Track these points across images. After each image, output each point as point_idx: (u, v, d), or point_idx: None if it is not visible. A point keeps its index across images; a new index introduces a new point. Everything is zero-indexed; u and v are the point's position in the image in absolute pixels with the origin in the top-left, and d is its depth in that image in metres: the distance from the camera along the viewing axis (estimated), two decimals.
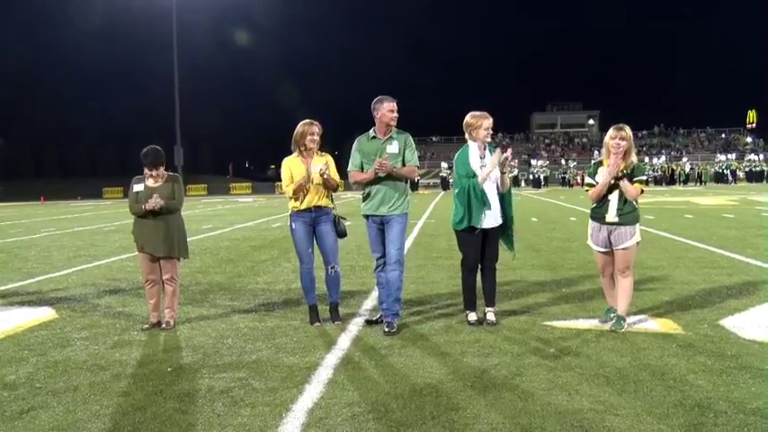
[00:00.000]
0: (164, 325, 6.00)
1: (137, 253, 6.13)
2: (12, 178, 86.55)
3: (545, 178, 56.34)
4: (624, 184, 5.38)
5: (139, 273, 6.40)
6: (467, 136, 5.77)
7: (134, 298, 7.54)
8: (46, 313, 6.83)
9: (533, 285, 7.53)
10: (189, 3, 54.36)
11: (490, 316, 5.80)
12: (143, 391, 4.25)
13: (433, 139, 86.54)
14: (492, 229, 5.74)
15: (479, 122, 5.66)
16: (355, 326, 5.86)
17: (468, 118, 5.73)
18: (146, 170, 6.02)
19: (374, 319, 5.92)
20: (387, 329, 5.53)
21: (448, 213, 22.11)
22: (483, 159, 5.67)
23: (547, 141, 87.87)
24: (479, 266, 5.85)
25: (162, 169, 6.06)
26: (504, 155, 5.62)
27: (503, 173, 5.70)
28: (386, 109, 5.73)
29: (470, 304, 5.86)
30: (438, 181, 56.81)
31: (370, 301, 6.87)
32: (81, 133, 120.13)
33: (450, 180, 56.13)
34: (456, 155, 5.86)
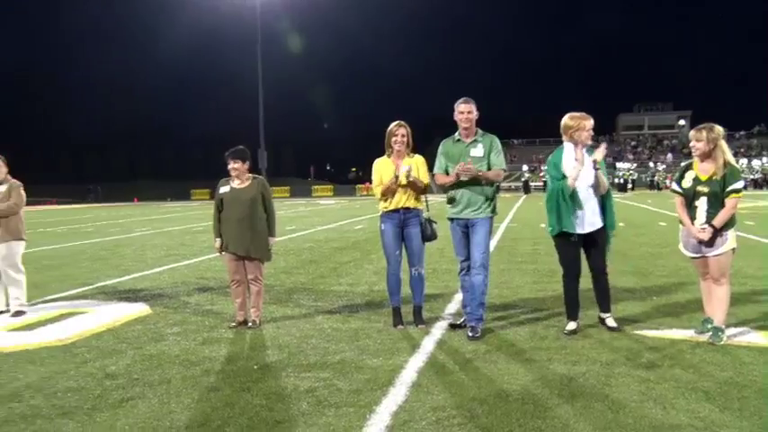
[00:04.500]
0: (250, 323, 6.15)
1: (222, 253, 6.31)
2: (109, 180, 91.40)
3: (632, 181, 54.42)
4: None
5: (226, 272, 6.58)
6: (564, 138, 5.57)
7: (221, 296, 7.77)
8: (141, 309, 7.14)
9: (622, 292, 7.24)
10: (274, 10, 55.82)
11: (610, 322, 5.62)
12: (231, 387, 4.36)
13: (515, 141, 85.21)
14: (591, 234, 5.49)
15: (581, 124, 5.44)
16: (439, 329, 5.82)
17: (566, 120, 5.50)
18: (228, 167, 6.16)
19: (458, 323, 5.86)
20: (471, 334, 5.46)
21: (530, 217, 21.72)
22: (578, 163, 5.45)
23: (633, 143, 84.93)
24: (591, 274, 5.65)
25: (243, 164, 6.19)
26: (599, 153, 5.43)
27: (596, 169, 5.43)
28: (458, 111, 5.68)
29: (570, 313, 5.64)
30: (520, 184, 55.89)
31: (454, 305, 6.80)
32: (170, 137, 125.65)
33: (532, 183, 55.33)
34: (550, 156, 5.70)
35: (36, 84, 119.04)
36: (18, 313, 6.89)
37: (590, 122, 5.47)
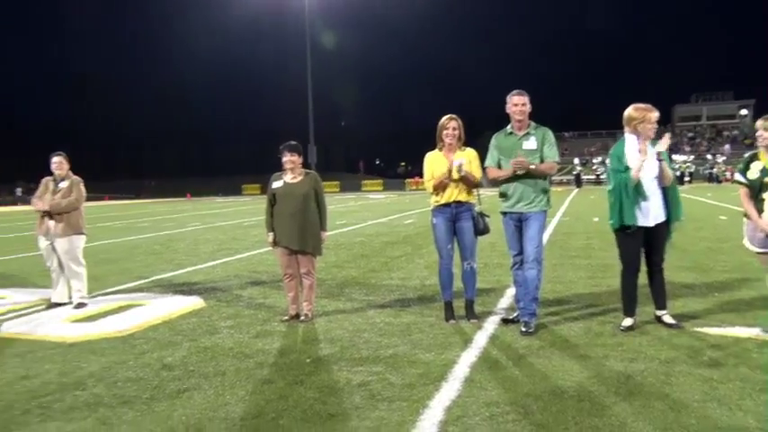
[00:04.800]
0: (302, 317, 6.19)
1: (275, 247, 6.35)
2: (161, 177, 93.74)
3: (689, 174, 52.86)
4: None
5: (278, 266, 6.64)
6: (626, 129, 5.42)
7: (273, 290, 7.86)
8: (195, 302, 7.28)
9: (680, 288, 7.01)
10: (322, 5, 56.05)
11: (668, 318, 5.48)
12: (284, 380, 4.40)
13: (566, 134, 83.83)
14: (654, 227, 5.36)
15: (645, 115, 5.30)
16: (491, 324, 5.76)
17: (630, 111, 5.37)
18: (284, 159, 6.21)
19: (511, 318, 5.78)
20: (524, 329, 5.39)
21: (582, 211, 21.21)
22: (641, 154, 5.30)
23: (690, 135, 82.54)
24: (648, 270, 5.52)
25: (299, 158, 6.24)
26: (664, 144, 5.31)
27: (660, 161, 5.30)
28: (512, 103, 5.60)
29: (628, 309, 5.50)
30: (571, 178, 54.95)
31: (506, 300, 6.72)
32: (221, 133, 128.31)
33: (584, 177, 54.32)
34: (611, 148, 5.56)
35: (93, 85, 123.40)
36: (80, 305, 7.12)
37: (655, 114, 5.33)
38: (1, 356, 5.32)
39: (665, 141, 5.33)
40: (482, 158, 5.90)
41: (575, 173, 54.16)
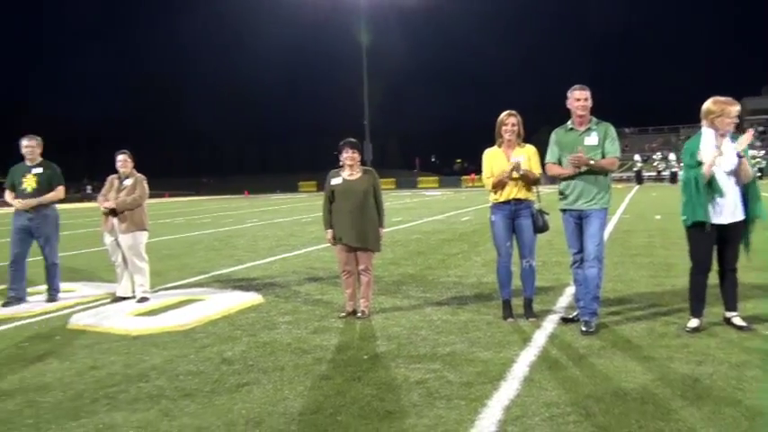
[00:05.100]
0: (359, 314, 6.21)
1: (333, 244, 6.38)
2: (219, 174, 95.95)
3: (759, 170, 50.71)
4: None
5: (334, 263, 6.67)
6: (704, 123, 5.20)
7: (331, 287, 7.91)
8: (254, 297, 7.39)
9: (750, 289, 6.71)
10: (377, 3, 56.13)
11: (738, 320, 5.25)
12: (342, 377, 4.42)
13: (627, 130, 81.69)
14: (730, 225, 5.13)
15: (723, 109, 5.06)
16: (550, 323, 5.65)
17: (709, 104, 5.15)
18: (344, 156, 6.21)
19: (570, 317, 5.66)
20: (584, 329, 5.26)
21: (643, 208, 20.60)
22: (719, 149, 5.06)
23: (761, 129, 79.13)
24: (719, 269, 5.32)
25: (358, 156, 6.25)
26: (747, 138, 5.09)
27: (740, 157, 5.04)
28: (573, 98, 5.47)
29: (695, 310, 5.31)
30: (632, 174, 53.46)
31: (566, 298, 6.59)
32: (277, 131, 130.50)
33: (645, 174, 52.74)
34: (687, 142, 5.36)
35: (155, 86, 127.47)
36: (142, 299, 7.32)
37: (735, 108, 5.06)
38: (71, 347, 5.53)
39: (747, 138, 5.07)
40: (540, 155, 5.80)
41: (635, 169, 52.62)
